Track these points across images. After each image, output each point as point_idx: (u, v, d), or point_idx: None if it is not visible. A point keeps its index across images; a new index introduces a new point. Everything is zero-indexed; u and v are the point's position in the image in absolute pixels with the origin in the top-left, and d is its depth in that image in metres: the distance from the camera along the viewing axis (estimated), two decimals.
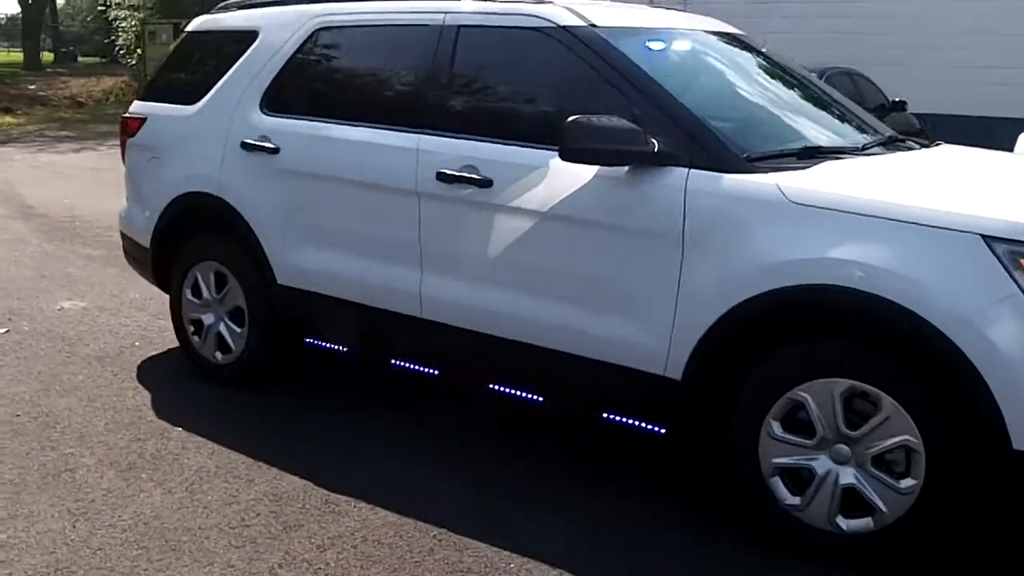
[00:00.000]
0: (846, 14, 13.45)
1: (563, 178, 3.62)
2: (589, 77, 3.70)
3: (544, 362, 3.77)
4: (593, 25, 3.81)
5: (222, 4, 5.23)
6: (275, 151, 4.46)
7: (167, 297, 5.95)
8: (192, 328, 5.00)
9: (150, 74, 27.84)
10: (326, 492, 3.76)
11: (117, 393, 4.82)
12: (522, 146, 3.78)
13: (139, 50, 29.45)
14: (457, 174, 3.86)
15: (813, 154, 3.61)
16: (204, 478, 3.89)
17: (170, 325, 5.83)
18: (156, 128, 5.08)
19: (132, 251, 5.38)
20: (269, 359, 4.81)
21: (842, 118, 4.21)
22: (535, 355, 3.78)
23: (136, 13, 29.75)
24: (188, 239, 4.96)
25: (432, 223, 3.98)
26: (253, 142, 4.55)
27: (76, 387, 4.91)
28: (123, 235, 5.46)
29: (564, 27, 3.80)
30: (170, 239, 5.02)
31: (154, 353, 5.47)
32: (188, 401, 4.73)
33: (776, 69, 4.36)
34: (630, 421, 3.72)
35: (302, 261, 4.43)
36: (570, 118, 3.41)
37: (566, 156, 3.47)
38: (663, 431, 3.67)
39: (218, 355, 4.89)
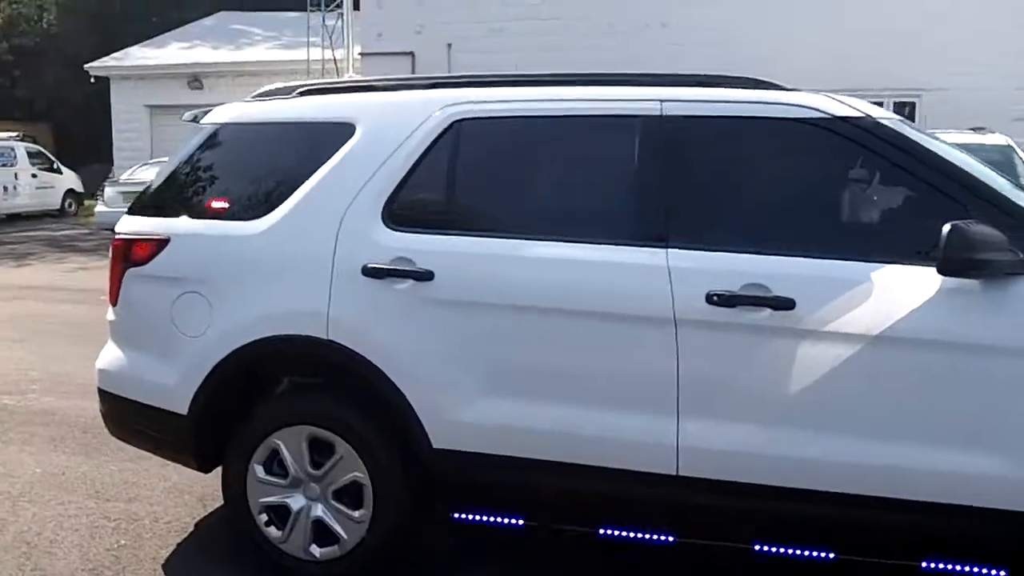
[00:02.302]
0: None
1: (893, 294, 3.04)
2: (897, 176, 3.18)
3: (861, 512, 3.11)
4: (870, 116, 3.29)
5: (269, 89, 4.07)
6: (426, 277, 3.44)
7: (88, 464, 4.61)
8: (266, 517, 3.73)
9: None
10: None
11: None
12: (825, 258, 3.14)
13: None
14: (742, 295, 3.14)
15: None
16: None
17: (143, 509, 4.47)
18: (190, 253, 3.80)
19: (136, 419, 3.96)
20: (400, 546, 3.68)
21: None
22: (848, 505, 3.11)
23: None
24: (262, 398, 3.73)
25: (699, 356, 3.19)
26: (384, 266, 3.49)
27: None
28: (114, 398, 4.02)
29: (843, 118, 3.24)
30: (230, 400, 3.75)
31: (166, 552, 4.05)
32: None
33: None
34: (959, 567, 3.17)
35: (476, 417, 3.42)
36: (951, 225, 2.88)
37: (947, 268, 2.91)
38: (1002, 574, 3.15)
39: (315, 550, 3.66)
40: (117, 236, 3.97)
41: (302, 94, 3.95)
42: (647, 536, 3.44)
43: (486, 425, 3.41)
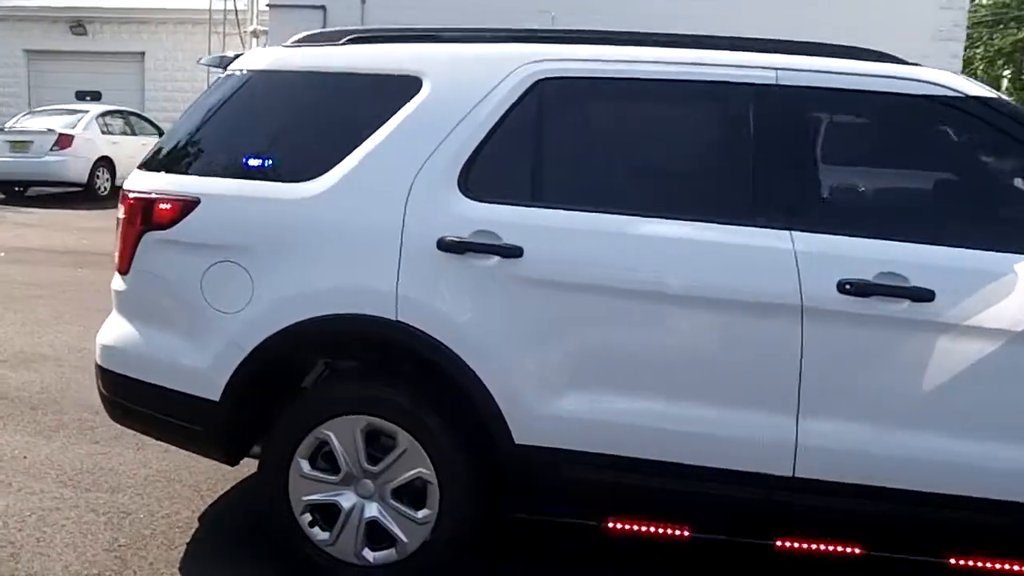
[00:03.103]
0: None
1: None
2: None
3: (995, 517, 2.94)
4: (1002, 96, 3.09)
5: (310, 34, 3.59)
6: (514, 253, 3.08)
7: (50, 446, 4.34)
8: (310, 517, 3.31)
9: None
10: None
11: None
12: (963, 247, 2.93)
13: None
14: (878, 284, 2.90)
15: None
16: None
17: (132, 501, 3.99)
18: (226, 217, 3.31)
19: (152, 405, 3.46)
20: (465, 549, 3.32)
21: None
22: (982, 510, 2.93)
23: None
24: (311, 384, 3.31)
25: (826, 349, 2.94)
26: (464, 239, 3.11)
27: None
28: (123, 379, 3.50)
29: (976, 98, 3.03)
30: (270, 386, 3.31)
31: (176, 553, 3.59)
32: None
33: None
34: None
35: (566, 410, 3.08)
36: None
37: None
38: None
39: (368, 553, 3.28)
40: (131, 194, 3.44)
41: (352, 41, 3.49)
42: (739, 539, 3.21)
43: (578, 419, 3.09)
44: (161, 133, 18.23)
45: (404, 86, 3.29)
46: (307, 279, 3.20)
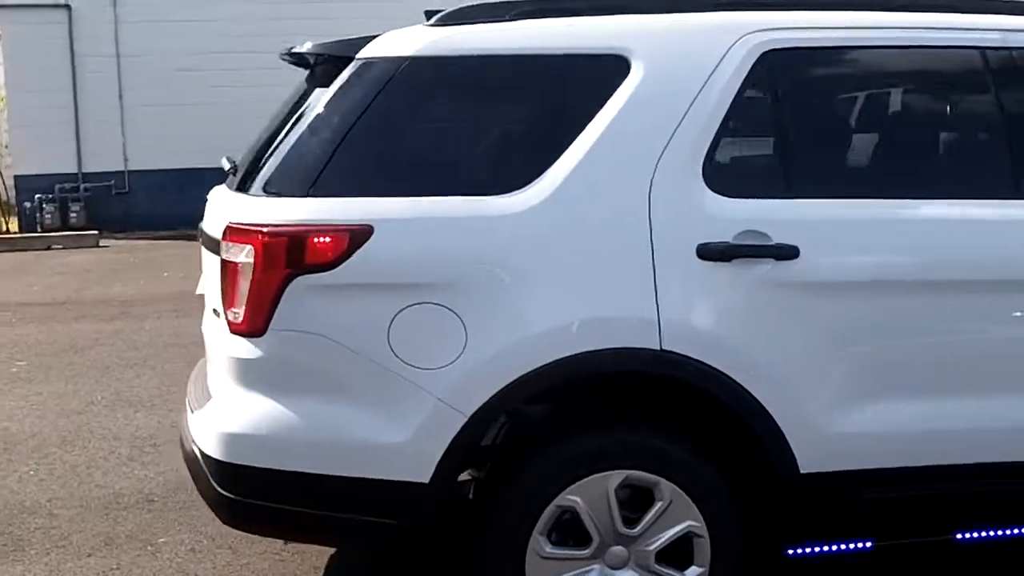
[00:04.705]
0: None
1: None
2: None
3: None
4: None
5: (462, 9, 2.84)
6: (788, 254, 2.63)
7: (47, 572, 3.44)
8: None
9: None
10: None
11: None
12: None
13: None
14: None
15: None
16: None
17: None
18: (413, 246, 2.59)
19: (321, 502, 2.65)
20: None
21: None
22: None
23: None
24: (547, 443, 2.68)
25: None
26: (731, 243, 2.62)
27: None
28: (273, 475, 2.65)
29: None
30: (499, 454, 2.66)
31: None
32: None
33: None
34: None
35: (863, 426, 2.71)
36: None
37: None
38: None
39: None
40: (266, 228, 2.59)
41: (520, 16, 2.83)
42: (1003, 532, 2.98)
43: (875, 435, 2.75)
44: None
45: (608, 67, 2.72)
46: (539, 315, 2.58)
